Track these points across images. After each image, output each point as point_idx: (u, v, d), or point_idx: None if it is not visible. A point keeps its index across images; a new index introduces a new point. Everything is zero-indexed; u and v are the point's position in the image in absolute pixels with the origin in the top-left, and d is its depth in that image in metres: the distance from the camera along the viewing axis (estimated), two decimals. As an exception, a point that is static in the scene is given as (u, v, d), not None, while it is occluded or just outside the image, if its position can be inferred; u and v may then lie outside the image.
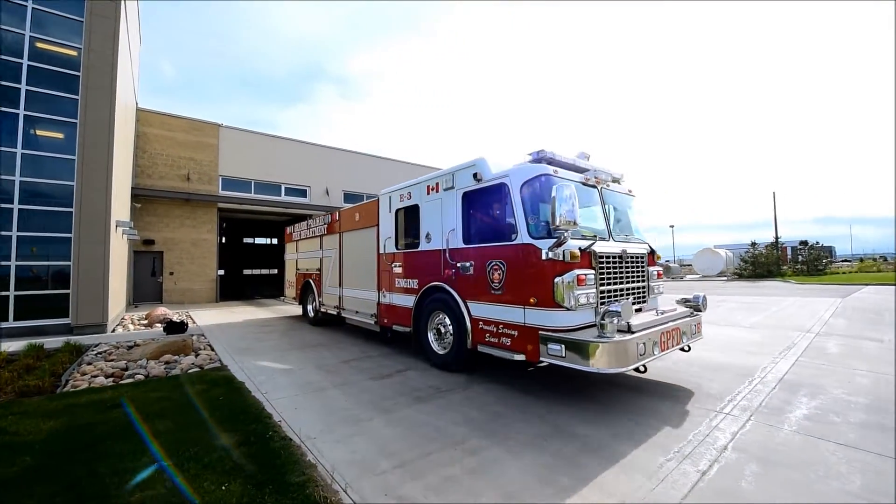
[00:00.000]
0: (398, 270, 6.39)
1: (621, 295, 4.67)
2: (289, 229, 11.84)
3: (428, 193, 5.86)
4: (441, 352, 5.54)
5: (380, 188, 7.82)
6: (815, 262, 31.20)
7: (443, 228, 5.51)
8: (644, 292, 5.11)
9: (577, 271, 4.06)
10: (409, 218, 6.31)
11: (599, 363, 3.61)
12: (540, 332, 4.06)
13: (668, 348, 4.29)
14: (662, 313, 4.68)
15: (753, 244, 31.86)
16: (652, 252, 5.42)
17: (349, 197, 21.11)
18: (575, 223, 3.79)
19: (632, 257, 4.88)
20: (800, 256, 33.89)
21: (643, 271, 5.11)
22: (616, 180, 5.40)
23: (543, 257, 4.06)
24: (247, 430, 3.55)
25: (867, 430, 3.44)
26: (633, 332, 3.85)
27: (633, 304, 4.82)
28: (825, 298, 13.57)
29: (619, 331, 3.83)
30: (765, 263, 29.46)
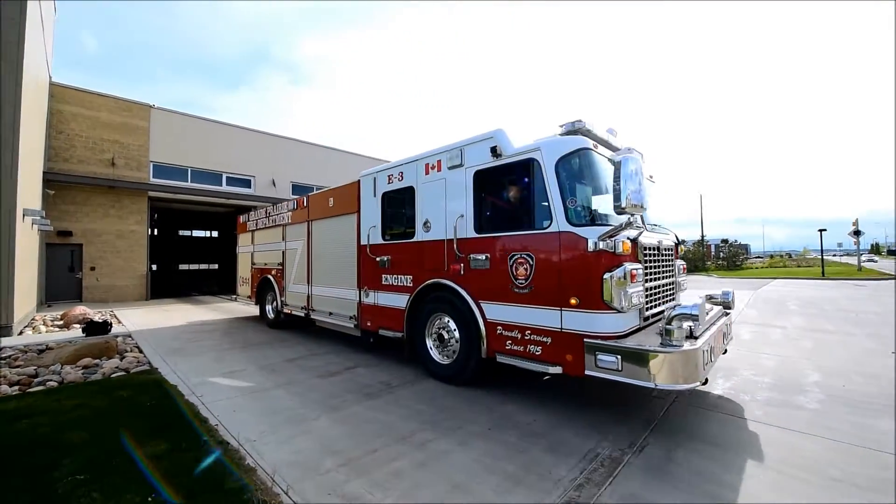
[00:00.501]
0: (386, 265, 5.49)
1: (659, 293, 4.19)
2: (242, 218, 10.49)
3: (426, 173, 4.95)
4: (444, 361, 4.72)
5: (333, 181, 7.41)
6: (733, 258, 34.85)
7: (447, 215, 4.65)
8: (674, 289, 4.69)
9: (629, 265, 3.45)
10: (401, 203, 5.43)
11: (666, 378, 2.99)
12: (585, 339, 3.36)
13: (719, 354, 3.86)
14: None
15: (682, 242, 34.75)
16: (678, 244, 4.98)
17: (298, 189, 20.24)
18: (643, 206, 3.16)
19: (666, 250, 4.45)
20: (721, 253, 37.63)
21: (672, 265, 4.67)
22: None
23: (590, 248, 3.39)
24: (178, 436, 3.31)
25: (771, 406, 3.89)
26: (697, 339, 3.25)
27: (665, 302, 4.33)
28: (741, 291, 15.12)
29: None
30: (692, 259, 32.28)
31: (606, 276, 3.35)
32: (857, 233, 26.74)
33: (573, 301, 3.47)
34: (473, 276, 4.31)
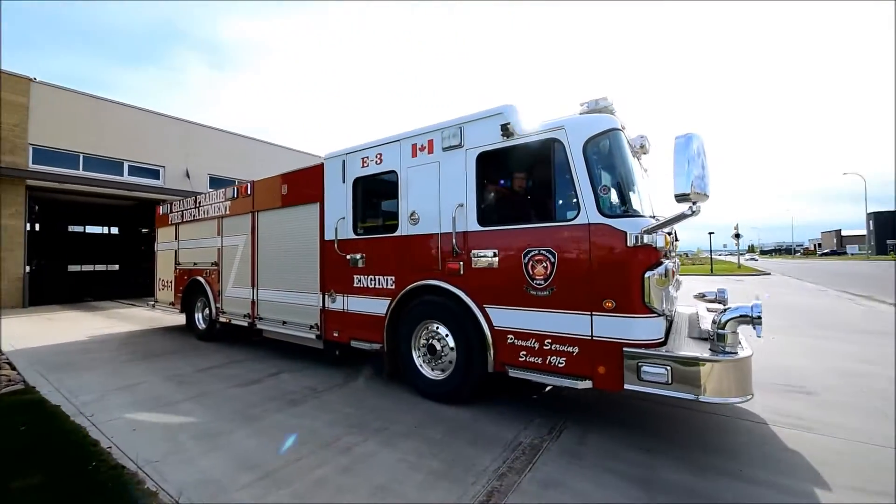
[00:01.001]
0: (360, 264, 4.69)
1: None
2: (163, 209, 8.99)
3: (414, 155, 4.24)
4: (436, 377, 4.06)
5: (258, 176, 6.63)
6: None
7: (441, 205, 4.00)
8: (678, 288, 4.47)
9: (668, 262, 3.17)
10: (379, 190, 4.77)
11: (719, 391, 2.70)
12: (624, 348, 2.95)
13: None
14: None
15: (677, 238, 37.79)
16: (676, 239, 4.63)
17: (217, 182, 18.59)
18: (707, 194, 2.66)
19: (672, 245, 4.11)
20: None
21: (676, 263, 4.40)
22: None
23: (630, 242, 2.97)
24: (59, 464, 2.87)
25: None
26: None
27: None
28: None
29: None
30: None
31: (648, 274, 2.96)
32: (737, 236, 31.19)
33: (608, 304, 3.02)
34: (476, 277, 3.73)
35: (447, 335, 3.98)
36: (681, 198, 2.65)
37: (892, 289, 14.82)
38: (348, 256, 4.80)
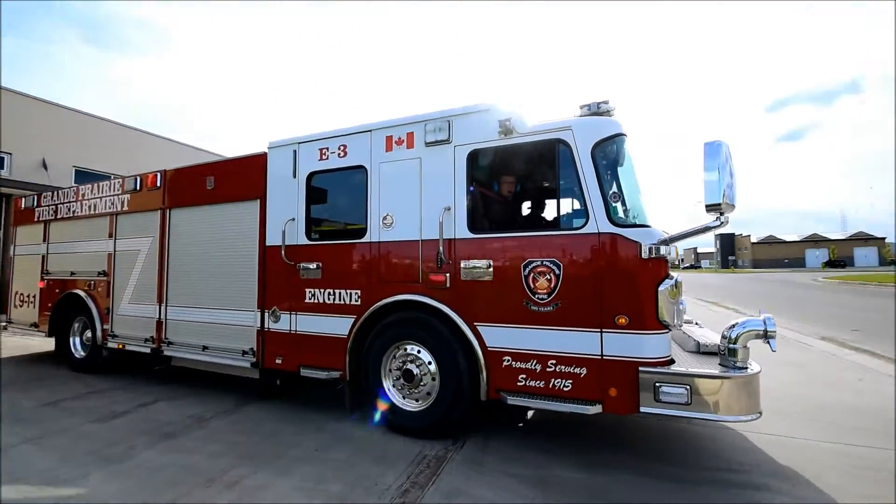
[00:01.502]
0: (314, 276, 3.84)
1: None
2: (26, 202, 6.88)
3: (389, 149, 3.64)
4: (412, 408, 3.43)
5: (140, 170, 5.47)
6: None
7: (423, 207, 3.45)
8: None
9: (676, 275, 3.01)
10: (341, 188, 4.01)
11: (736, 409, 2.57)
12: (640, 367, 2.71)
13: None
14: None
15: None
16: None
17: (85, 176, 15.69)
18: (734, 206, 2.58)
19: None
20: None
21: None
22: None
23: (644, 254, 2.76)
24: None
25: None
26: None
27: None
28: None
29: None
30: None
31: (661, 287, 2.78)
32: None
33: (622, 320, 2.77)
34: (466, 291, 3.23)
35: (430, 362, 3.33)
36: (712, 208, 2.54)
37: (736, 297, 18.17)
38: (300, 266, 3.88)
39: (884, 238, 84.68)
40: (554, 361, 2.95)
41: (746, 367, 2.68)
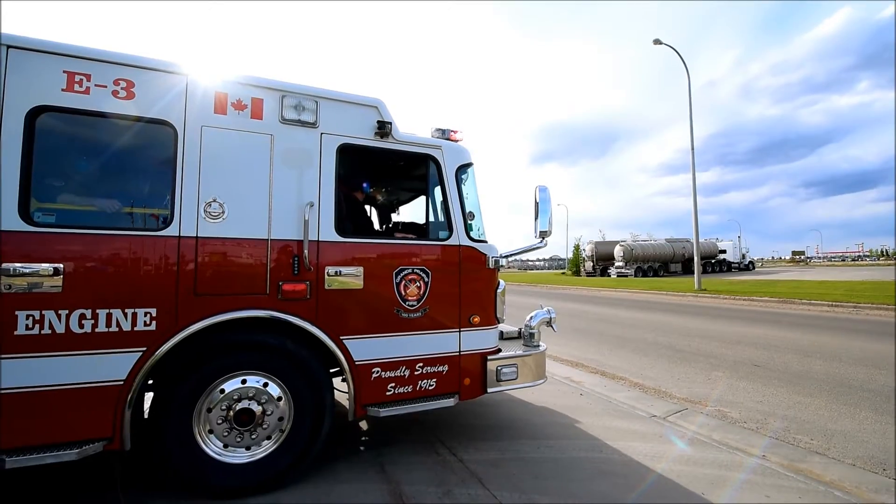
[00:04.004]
0: (45, 287, 2.23)
1: None
2: None
3: (220, 111, 2.68)
4: (246, 459, 2.64)
5: None
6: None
7: (273, 198, 2.77)
8: None
9: (502, 280, 3.65)
10: (116, 148, 2.61)
11: (538, 376, 3.47)
12: (486, 356, 3.28)
13: None
14: None
15: None
16: None
17: None
18: (551, 232, 3.48)
19: None
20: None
21: None
22: None
23: (490, 265, 3.38)
24: None
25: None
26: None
27: None
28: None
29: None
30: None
31: (499, 291, 3.48)
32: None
33: (476, 319, 3.28)
34: (331, 301, 2.85)
35: (279, 396, 2.70)
36: (543, 234, 3.41)
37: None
38: (4, 270, 2.16)
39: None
40: (422, 364, 3.11)
41: (539, 345, 3.63)
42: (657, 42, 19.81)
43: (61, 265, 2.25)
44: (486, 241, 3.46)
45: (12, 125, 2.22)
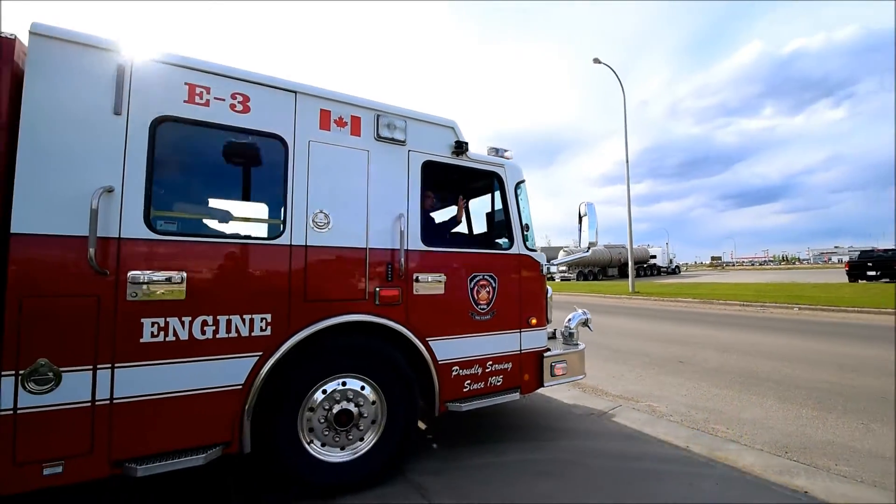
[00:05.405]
0: (165, 295, 2.25)
1: None
2: None
3: (325, 127, 2.82)
4: (344, 458, 2.74)
5: None
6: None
7: (369, 210, 2.95)
8: None
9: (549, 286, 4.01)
10: (225, 157, 2.72)
11: (580, 371, 3.85)
12: (542, 354, 3.64)
13: None
14: None
15: None
16: None
17: None
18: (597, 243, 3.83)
19: None
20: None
21: None
22: None
23: (543, 271, 3.76)
24: None
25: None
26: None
27: None
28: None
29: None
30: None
31: (549, 295, 3.87)
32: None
33: (533, 321, 3.63)
34: (419, 306, 3.08)
35: (374, 400, 2.85)
36: (591, 245, 3.77)
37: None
38: (131, 278, 2.16)
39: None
40: (491, 362, 3.40)
41: (579, 344, 4.01)
42: (597, 61, 21.12)
43: (185, 273, 2.29)
44: (538, 251, 3.82)
45: (137, 133, 2.25)
